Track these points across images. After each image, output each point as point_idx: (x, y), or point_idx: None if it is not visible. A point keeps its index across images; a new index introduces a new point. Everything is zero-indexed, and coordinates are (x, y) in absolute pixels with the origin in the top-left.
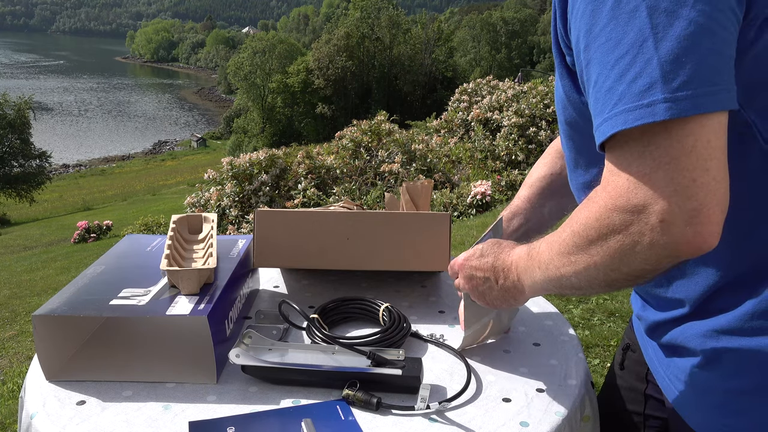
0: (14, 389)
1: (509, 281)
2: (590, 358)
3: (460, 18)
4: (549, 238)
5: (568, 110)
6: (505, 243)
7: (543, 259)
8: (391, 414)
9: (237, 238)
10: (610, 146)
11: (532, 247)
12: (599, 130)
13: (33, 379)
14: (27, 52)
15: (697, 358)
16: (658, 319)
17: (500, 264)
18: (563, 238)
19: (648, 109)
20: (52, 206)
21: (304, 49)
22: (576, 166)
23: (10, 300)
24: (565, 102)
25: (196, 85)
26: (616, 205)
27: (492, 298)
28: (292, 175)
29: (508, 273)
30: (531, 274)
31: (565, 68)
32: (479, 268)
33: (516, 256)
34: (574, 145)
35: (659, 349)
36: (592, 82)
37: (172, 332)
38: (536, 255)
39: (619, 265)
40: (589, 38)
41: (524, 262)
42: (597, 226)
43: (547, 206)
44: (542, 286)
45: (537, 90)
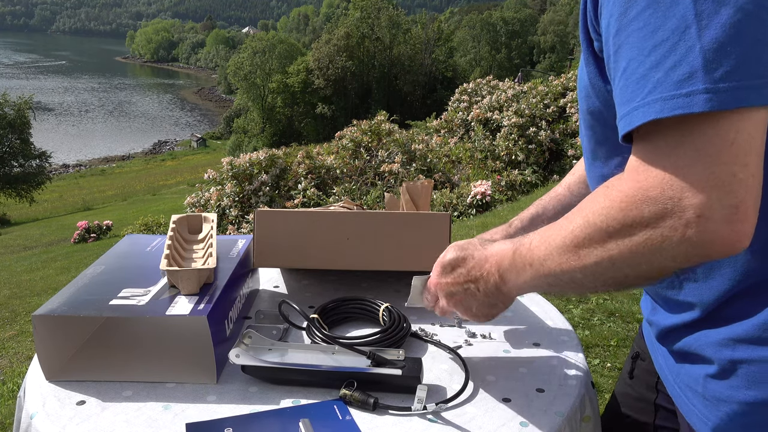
0: (14, 389)
1: (491, 284)
2: (590, 358)
3: (460, 18)
4: (545, 232)
5: (591, 99)
6: (471, 246)
7: (536, 254)
8: (392, 414)
9: (237, 238)
10: (640, 135)
11: (519, 243)
12: (628, 117)
13: (33, 379)
14: (27, 52)
15: (711, 367)
16: (669, 324)
17: (477, 270)
18: (570, 230)
19: (686, 99)
20: (52, 206)
21: (304, 49)
22: (595, 157)
23: (10, 300)
24: (589, 90)
25: (196, 85)
26: (647, 195)
27: (478, 308)
28: (292, 175)
29: (488, 277)
30: (518, 273)
31: (591, 55)
32: (456, 282)
33: (496, 256)
34: (595, 136)
35: (670, 356)
36: (621, 68)
37: (172, 332)
38: (526, 251)
39: (639, 262)
40: (622, 22)
41: (508, 261)
42: (621, 218)
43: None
44: (533, 284)
45: (537, 90)
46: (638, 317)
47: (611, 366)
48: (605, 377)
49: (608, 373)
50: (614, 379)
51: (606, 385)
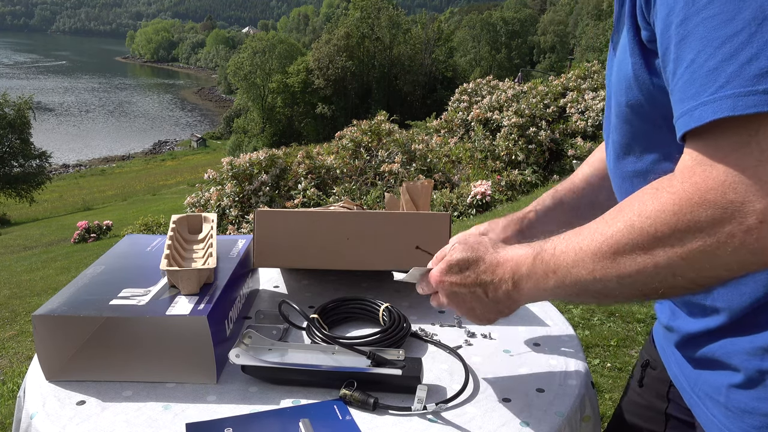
0: (14, 389)
1: (501, 291)
2: (590, 358)
3: (460, 18)
4: (573, 237)
5: (632, 91)
6: (482, 247)
7: (563, 261)
8: (392, 414)
9: (237, 238)
10: (702, 133)
11: (541, 249)
12: (694, 113)
13: (33, 379)
14: (27, 52)
15: (737, 376)
16: (692, 331)
17: (488, 275)
18: (609, 234)
19: (764, 96)
20: (52, 206)
21: (304, 49)
22: (627, 152)
23: (10, 300)
24: (631, 82)
25: (196, 85)
26: (705, 198)
27: (482, 312)
28: (292, 175)
29: (500, 283)
30: (537, 280)
31: (638, 45)
32: (462, 284)
33: (512, 261)
34: (631, 130)
35: (687, 364)
36: (686, 60)
37: (172, 332)
38: (549, 257)
39: (687, 270)
40: (690, 10)
41: (527, 267)
42: (673, 222)
43: (604, 191)
44: (553, 292)
45: (537, 90)
46: (638, 317)
47: (611, 366)
48: (605, 377)
49: (608, 373)
50: (614, 379)
51: (606, 385)
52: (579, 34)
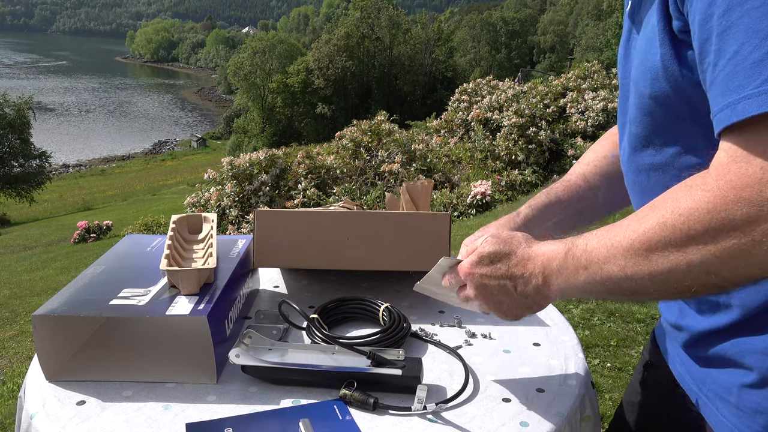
0: (14, 389)
1: (531, 286)
2: (590, 358)
3: (460, 18)
4: (605, 233)
5: (659, 82)
6: (515, 241)
7: (594, 257)
8: (392, 414)
9: (237, 238)
10: (743, 127)
11: (572, 244)
12: (736, 107)
13: (33, 379)
14: (27, 52)
15: (749, 375)
16: (702, 329)
17: (518, 268)
18: (642, 231)
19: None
20: (52, 206)
21: (304, 49)
22: (646, 145)
23: (10, 300)
24: (659, 73)
25: (196, 85)
26: (740, 196)
27: (509, 307)
28: (292, 175)
29: (530, 278)
30: (567, 276)
31: (668, 35)
32: (492, 275)
33: (543, 256)
34: (652, 122)
35: (694, 363)
36: (729, 52)
37: (172, 332)
38: (580, 253)
39: (720, 268)
40: (732, 1)
41: (558, 262)
42: (707, 220)
43: (602, 190)
44: (584, 288)
45: (537, 90)
46: (638, 317)
47: (611, 366)
48: (605, 377)
49: (608, 373)
50: (614, 379)
51: (606, 385)
52: (579, 34)
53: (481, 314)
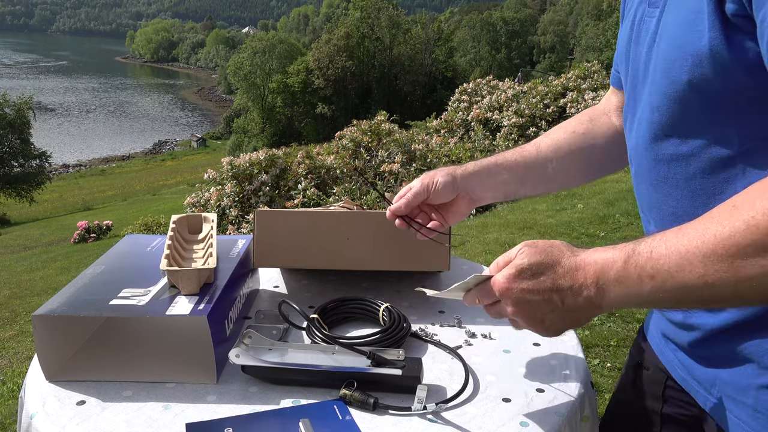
0: (14, 389)
1: (581, 298)
2: (590, 358)
3: (460, 18)
4: (674, 237)
5: (702, 68)
6: (557, 250)
7: (663, 265)
8: (392, 414)
9: (237, 238)
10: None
11: (633, 251)
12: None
13: (33, 379)
14: (27, 52)
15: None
16: (717, 326)
17: (566, 280)
18: (726, 235)
19: None
20: (52, 206)
21: (304, 49)
22: (670, 133)
23: (10, 300)
24: (703, 58)
25: (196, 85)
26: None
27: (552, 322)
28: (292, 175)
29: (580, 289)
30: (628, 287)
31: (719, 18)
32: (536, 290)
33: (596, 264)
34: (682, 109)
35: (698, 365)
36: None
37: (172, 332)
38: (645, 261)
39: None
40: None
41: (617, 271)
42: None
43: (554, 162)
44: (645, 299)
45: (537, 90)
46: (638, 317)
47: (611, 366)
48: (605, 377)
49: (608, 373)
50: (614, 379)
51: (606, 385)
52: (579, 34)
53: (481, 314)
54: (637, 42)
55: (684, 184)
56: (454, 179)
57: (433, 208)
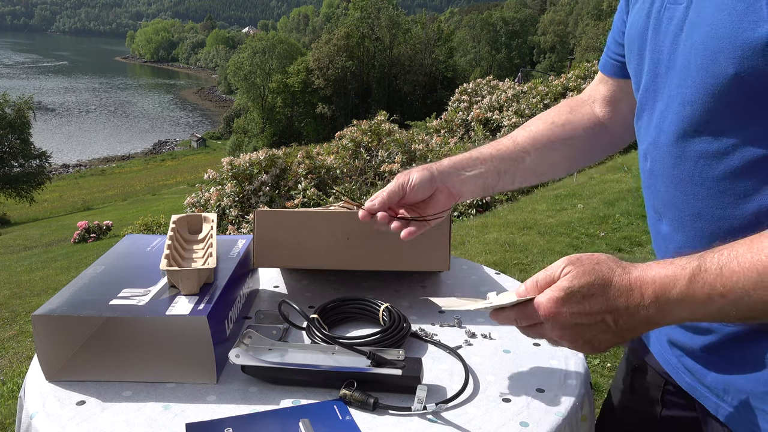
0: (14, 389)
1: (638, 318)
2: (590, 358)
3: (460, 18)
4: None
5: (753, 60)
6: (606, 267)
7: (737, 282)
8: (392, 414)
9: (237, 238)
10: None
11: (699, 268)
12: None
13: (33, 379)
14: (27, 52)
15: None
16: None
17: (620, 301)
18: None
19: None
20: (52, 206)
21: (304, 49)
22: (702, 130)
23: (10, 300)
24: (757, 50)
25: (196, 85)
26: None
27: (602, 342)
28: (292, 175)
29: (637, 309)
30: (694, 305)
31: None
32: (588, 313)
33: (654, 283)
34: (717, 105)
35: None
36: None
37: (172, 332)
38: (714, 278)
39: None
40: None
41: (680, 290)
42: None
43: (532, 155)
44: (712, 317)
45: (537, 90)
46: None
47: (611, 366)
48: (605, 377)
49: (608, 373)
50: (614, 379)
51: (606, 385)
52: (579, 34)
53: (482, 314)
54: (657, 30)
55: (712, 183)
56: (431, 174)
57: (411, 208)
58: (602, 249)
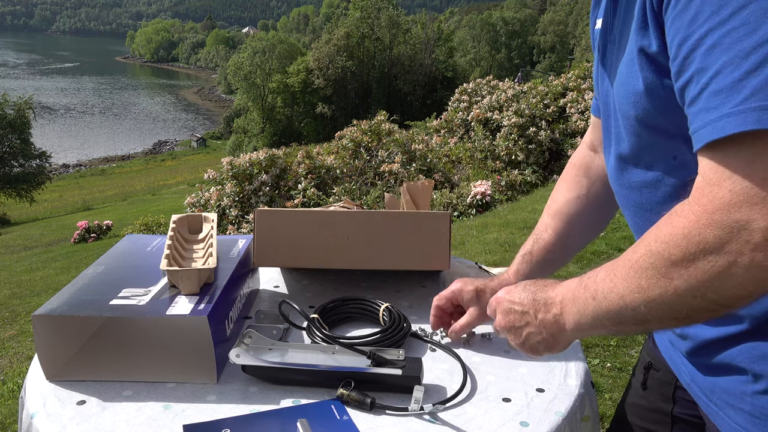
0: (14, 389)
1: (549, 315)
2: (590, 358)
3: (460, 18)
4: (609, 264)
5: (642, 104)
6: (553, 279)
7: (601, 287)
8: (390, 414)
9: (237, 238)
10: (718, 146)
11: (586, 276)
12: (717, 124)
13: (33, 379)
14: (27, 53)
15: (762, 382)
16: (709, 337)
17: (542, 296)
18: (635, 260)
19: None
20: (52, 206)
21: (304, 49)
22: (636, 163)
23: (10, 300)
24: (641, 94)
25: (196, 85)
26: (711, 219)
27: (528, 335)
28: (292, 175)
29: (549, 306)
30: (580, 307)
31: (645, 58)
32: (518, 301)
33: (563, 287)
34: (640, 142)
35: (698, 372)
36: (711, 70)
37: (172, 332)
38: (591, 284)
39: (705, 291)
40: (714, 21)
41: (572, 292)
42: (684, 245)
43: (572, 235)
44: (593, 321)
45: (537, 90)
46: None
47: (611, 366)
48: (605, 377)
49: (608, 373)
50: (614, 379)
51: (606, 385)
52: (579, 34)
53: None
54: (603, 78)
55: (657, 208)
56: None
57: None
58: (602, 249)
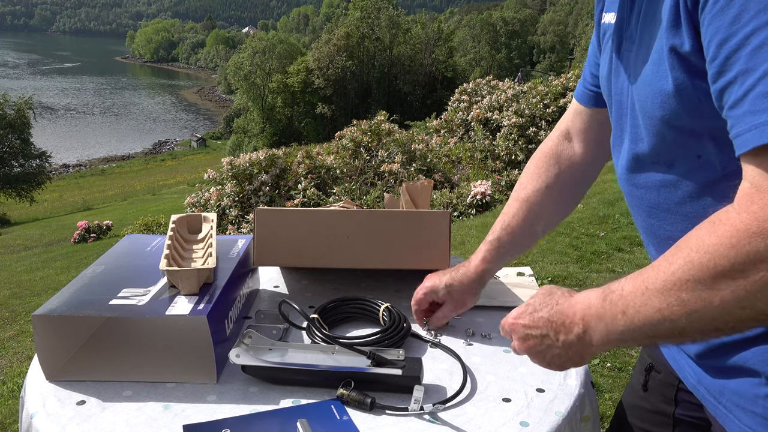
0: (14, 389)
1: (572, 335)
2: None
3: (460, 18)
4: (638, 276)
5: (670, 105)
6: (560, 291)
7: (631, 301)
8: (390, 414)
9: (237, 238)
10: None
11: (609, 290)
12: (763, 130)
13: (33, 379)
14: (27, 53)
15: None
16: (724, 340)
17: (559, 316)
18: (671, 272)
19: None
20: (52, 206)
21: (304, 49)
22: (655, 162)
23: (10, 300)
24: (670, 95)
25: (196, 85)
26: (764, 228)
27: (553, 357)
28: (292, 175)
29: (571, 326)
30: (608, 323)
31: (676, 56)
32: (533, 325)
33: (582, 304)
34: (662, 142)
35: (705, 374)
36: (758, 72)
37: (172, 332)
38: (617, 298)
39: (755, 301)
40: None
41: (595, 309)
42: (732, 255)
43: (540, 224)
44: (623, 336)
45: (537, 90)
46: None
47: (611, 366)
48: (605, 377)
49: (608, 373)
50: (614, 379)
51: (606, 385)
52: (579, 34)
53: (481, 314)
54: (618, 74)
55: (675, 208)
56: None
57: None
58: (602, 249)
